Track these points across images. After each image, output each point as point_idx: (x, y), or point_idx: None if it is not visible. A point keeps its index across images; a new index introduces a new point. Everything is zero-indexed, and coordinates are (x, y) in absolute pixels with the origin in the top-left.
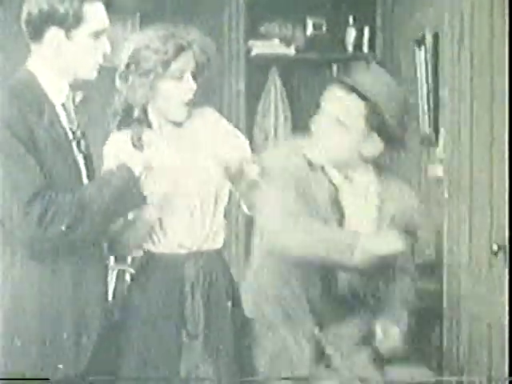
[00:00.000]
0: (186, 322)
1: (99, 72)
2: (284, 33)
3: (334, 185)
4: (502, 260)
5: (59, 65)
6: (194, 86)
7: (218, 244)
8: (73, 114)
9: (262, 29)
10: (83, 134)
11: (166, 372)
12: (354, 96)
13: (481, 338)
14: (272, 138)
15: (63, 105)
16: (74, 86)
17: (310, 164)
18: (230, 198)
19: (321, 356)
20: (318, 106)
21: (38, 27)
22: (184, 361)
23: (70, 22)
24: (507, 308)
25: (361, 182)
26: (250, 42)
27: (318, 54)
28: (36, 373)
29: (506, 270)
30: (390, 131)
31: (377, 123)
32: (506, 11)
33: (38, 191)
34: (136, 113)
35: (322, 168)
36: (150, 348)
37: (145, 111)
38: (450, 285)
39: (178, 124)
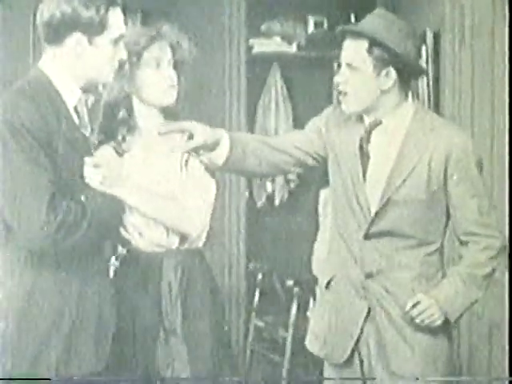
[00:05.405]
0: (163, 317)
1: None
2: (285, 31)
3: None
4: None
5: (77, 69)
6: (174, 74)
7: (199, 243)
8: (86, 119)
9: (264, 27)
10: (99, 141)
11: (142, 368)
12: (356, 38)
13: (481, 337)
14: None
15: (75, 108)
16: (86, 90)
17: (349, 117)
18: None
19: None
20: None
21: (58, 31)
22: (161, 357)
23: (94, 28)
24: (507, 308)
25: (389, 127)
26: (251, 40)
27: (320, 51)
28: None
29: (506, 270)
30: (400, 59)
31: (384, 56)
32: (506, 10)
33: (53, 198)
34: (121, 114)
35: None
36: (127, 343)
37: (129, 110)
38: None
39: (165, 114)
